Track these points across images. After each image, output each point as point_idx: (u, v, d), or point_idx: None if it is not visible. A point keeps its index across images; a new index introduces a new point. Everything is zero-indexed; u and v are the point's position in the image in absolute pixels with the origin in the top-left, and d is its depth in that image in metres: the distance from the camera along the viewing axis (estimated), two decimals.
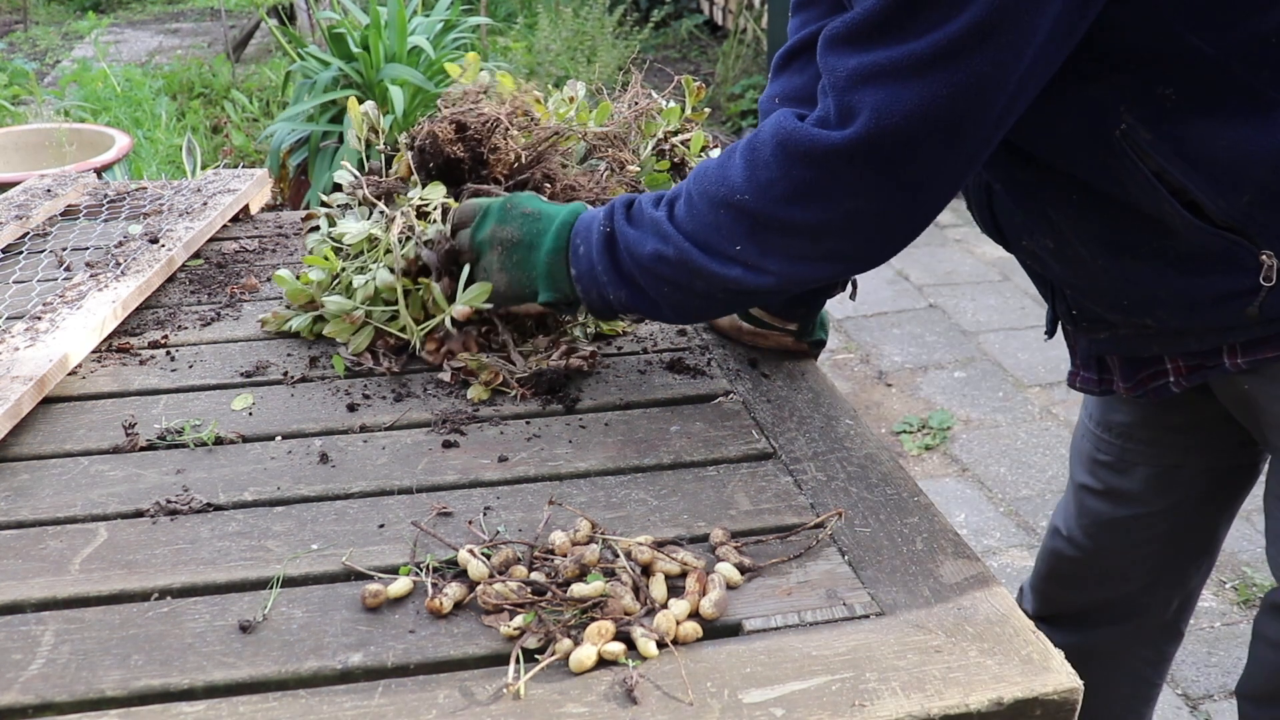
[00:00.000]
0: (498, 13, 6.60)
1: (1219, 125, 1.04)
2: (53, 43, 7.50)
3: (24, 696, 0.83)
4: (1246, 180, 1.05)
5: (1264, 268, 1.08)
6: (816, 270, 1.11)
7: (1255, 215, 1.06)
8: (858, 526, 1.03)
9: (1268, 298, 1.10)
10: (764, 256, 1.08)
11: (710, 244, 1.10)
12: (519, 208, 1.25)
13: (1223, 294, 1.11)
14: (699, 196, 1.11)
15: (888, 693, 0.82)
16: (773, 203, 1.05)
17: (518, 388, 1.27)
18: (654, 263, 1.14)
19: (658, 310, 1.19)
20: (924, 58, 0.94)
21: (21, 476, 1.13)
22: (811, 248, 1.08)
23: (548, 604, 0.90)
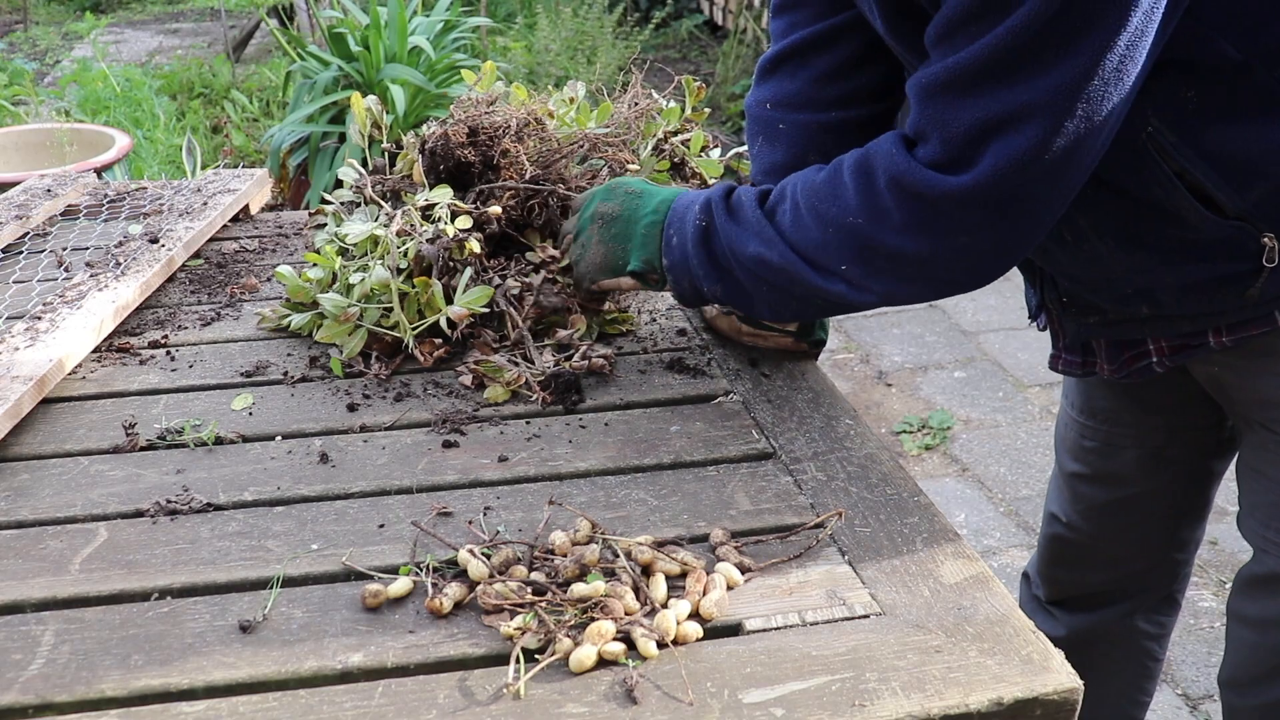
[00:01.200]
0: (498, 13, 6.60)
1: (1236, 125, 1.07)
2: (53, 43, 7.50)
3: (24, 696, 0.83)
4: (1260, 176, 1.08)
5: (1266, 250, 1.12)
6: (918, 293, 1.13)
7: (1263, 205, 1.10)
8: (858, 526, 1.03)
9: (1268, 279, 1.14)
10: (869, 277, 1.11)
11: (816, 259, 1.12)
12: (624, 187, 1.30)
13: (1225, 277, 1.15)
14: (808, 211, 1.13)
15: (888, 693, 0.82)
16: (886, 231, 1.07)
17: (538, 390, 1.27)
18: (755, 264, 1.16)
19: (752, 305, 1.22)
20: (1038, 106, 0.95)
21: (21, 476, 1.13)
22: (917, 273, 1.10)
23: (548, 604, 0.90)
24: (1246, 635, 1.34)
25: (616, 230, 1.28)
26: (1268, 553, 1.29)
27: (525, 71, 5.27)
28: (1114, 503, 1.52)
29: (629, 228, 1.27)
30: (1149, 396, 1.43)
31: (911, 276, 1.10)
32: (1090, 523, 1.56)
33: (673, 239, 1.22)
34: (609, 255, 1.29)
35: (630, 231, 1.27)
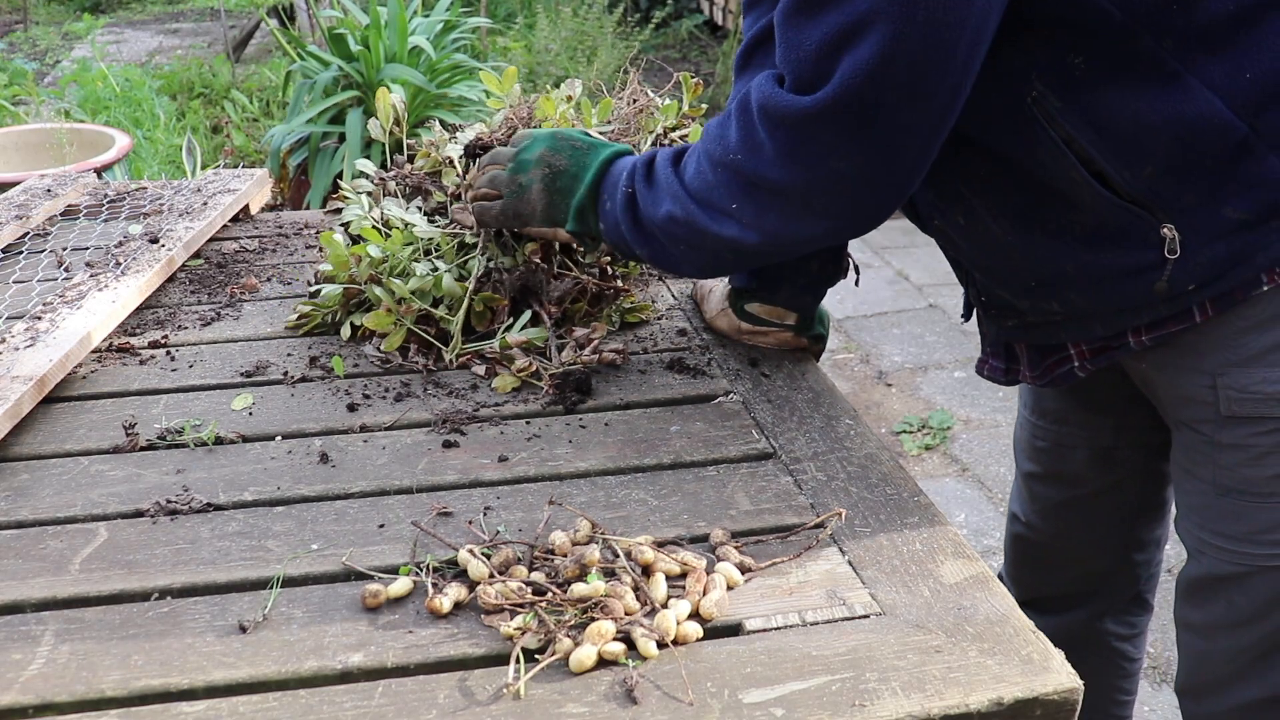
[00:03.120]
0: (497, 13, 6.60)
1: (1124, 95, 1.06)
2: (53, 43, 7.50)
3: (24, 696, 0.83)
4: (1149, 151, 1.07)
5: (1166, 241, 1.11)
6: (809, 229, 1.13)
7: (1157, 187, 1.09)
8: (858, 526, 1.03)
9: (1173, 271, 1.12)
10: (759, 216, 1.11)
11: (711, 202, 1.14)
12: (572, 137, 1.31)
13: (1128, 269, 1.14)
14: (704, 156, 1.15)
15: (888, 693, 0.82)
16: (763, 164, 1.08)
17: (548, 381, 1.28)
18: (667, 223, 1.18)
19: (678, 267, 1.24)
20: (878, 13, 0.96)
21: (21, 476, 1.13)
22: (802, 208, 1.10)
23: (548, 604, 0.90)
24: (1195, 642, 1.32)
25: (563, 185, 1.28)
26: (1204, 554, 1.27)
27: (525, 71, 5.27)
28: (1068, 502, 1.52)
29: (574, 184, 1.28)
30: (1095, 397, 1.43)
31: (795, 212, 1.10)
32: (1048, 522, 1.56)
33: (606, 204, 1.25)
34: (551, 207, 1.29)
35: (574, 188, 1.28)
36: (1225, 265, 1.12)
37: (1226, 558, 1.26)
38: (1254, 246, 1.11)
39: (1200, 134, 1.07)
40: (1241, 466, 1.24)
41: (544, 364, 1.31)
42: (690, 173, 1.17)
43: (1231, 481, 1.25)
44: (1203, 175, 1.09)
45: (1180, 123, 1.06)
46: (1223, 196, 1.10)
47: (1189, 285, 1.14)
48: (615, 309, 1.45)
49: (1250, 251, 1.11)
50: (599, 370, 1.31)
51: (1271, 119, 1.07)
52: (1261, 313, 1.15)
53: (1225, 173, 1.08)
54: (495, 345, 1.34)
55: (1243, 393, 1.19)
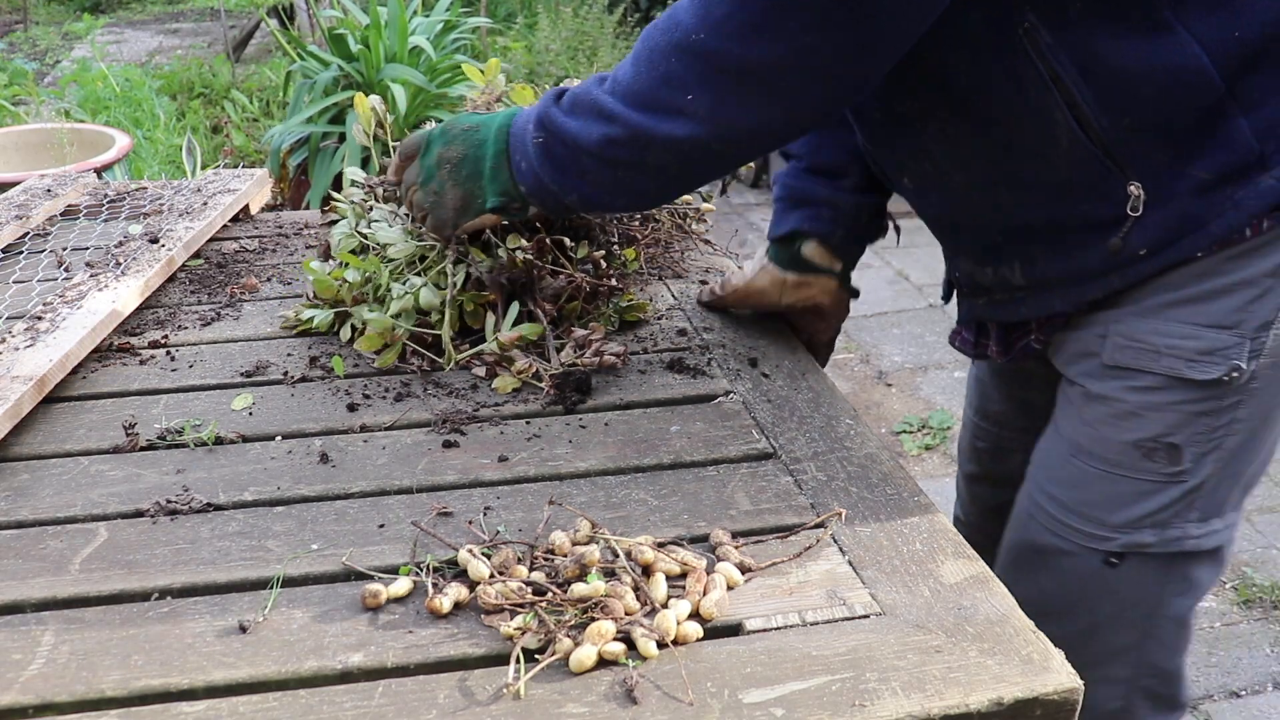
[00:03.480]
0: (498, 13, 6.60)
1: (1115, 39, 1.05)
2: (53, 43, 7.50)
3: (24, 696, 0.83)
4: (1131, 99, 1.07)
5: (1131, 198, 1.11)
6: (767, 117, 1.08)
7: (1131, 141, 1.09)
8: (858, 526, 1.03)
9: (1132, 229, 1.13)
10: (716, 104, 1.06)
11: (659, 100, 1.08)
12: (458, 125, 1.27)
13: (1090, 222, 1.15)
14: (647, 53, 1.09)
15: (888, 693, 0.82)
16: (728, 38, 1.03)
17: (548, 381, 1.28)
18: (603, 147, 1.13)
19: (612, 200, 1.21)
20: None
21: (21, 476, 1.13)
22: (764, 91, 1.05)
23: (548, 604, 0.90)
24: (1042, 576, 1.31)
25: (467, 171, 1.25)
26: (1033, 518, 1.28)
27: (525, 72, 5.27)
28: (1005, 504, 1.50)
29: (477, 165, 1.24)
30: (1037, 404, 1.42)
31: (756, 97, 1.06)
32: (986, 522, 1.57)
33: (520, 164, 1.20)
34: (465, 197, 1.26)
35: (479, 169, 1.24)
36: (1176, 232, 1.13)
37: (1053, 527, 1.26)
38: (1209, 213, 1.12)
39: (1183, 88, 1.06)
40: (1103, 424, 1.25)
41: (543, 365, 1.31)
42: (628, 76, 1.11)
43: (1087, 441, 1.26)
44: (1176, 132, 1.09)
45: (1166, 73, 1.06)
46: (1190, 156, 1.10)
47: (1140, 249, 1.14)
48: (613, 308, 1.45)
49: (1205, 219, 1.12)
50: (598, 370, 1.32)
51: (1249, 82, 1.07)
52: (1178, 276, 1.16)
53: (1197, 131, 1.09)
54: (492, 346, 1.34)
55: (1130, 340, 1.20)
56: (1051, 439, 1.31)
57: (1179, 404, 1.20)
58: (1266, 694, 2.30)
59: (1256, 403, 1.21)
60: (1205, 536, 1.26)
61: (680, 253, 1.67)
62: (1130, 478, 1.24)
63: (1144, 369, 1.20)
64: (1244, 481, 1.28)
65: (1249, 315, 1.16)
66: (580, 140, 1.14)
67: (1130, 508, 1.23)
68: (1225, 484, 1.26)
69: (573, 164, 1.17)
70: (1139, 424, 1.22)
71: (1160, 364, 1.19)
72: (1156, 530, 1.24)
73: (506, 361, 1.32)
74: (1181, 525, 1.25)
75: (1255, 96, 1.07)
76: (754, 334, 1.44)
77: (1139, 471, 1.24)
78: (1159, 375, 1.19)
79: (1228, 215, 1.11)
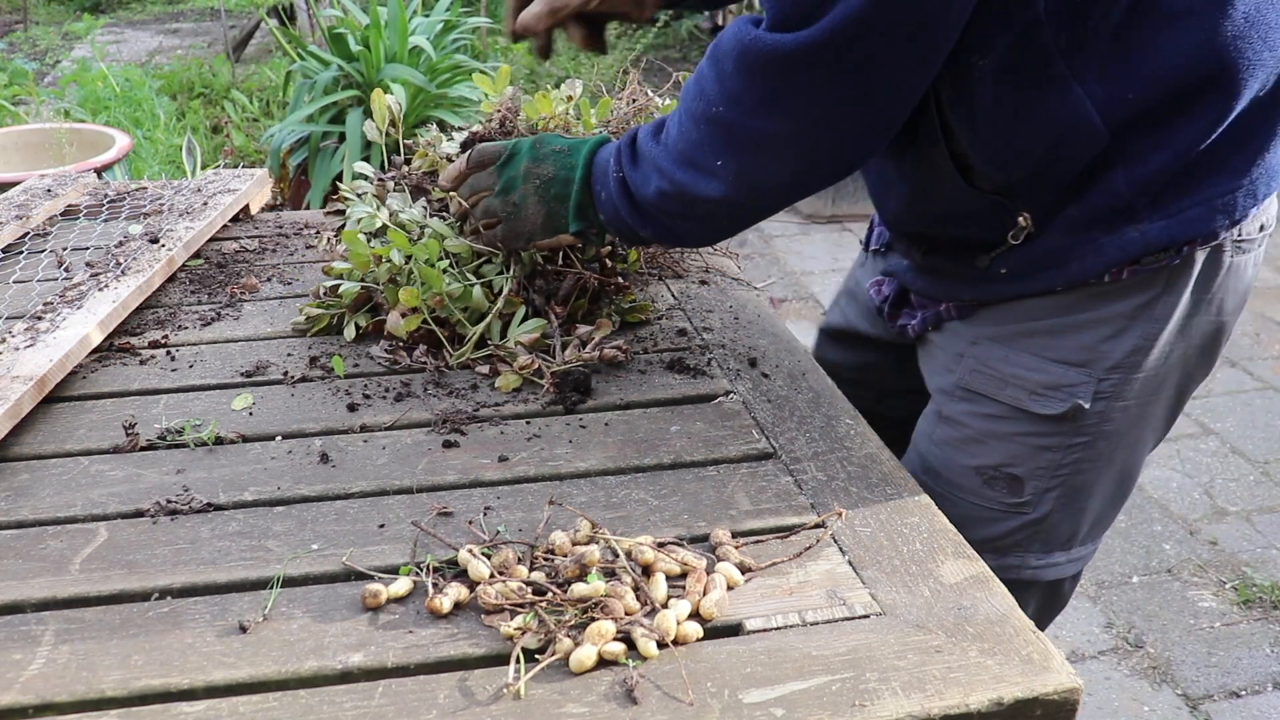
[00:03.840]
0: (498, 13, 6.60)
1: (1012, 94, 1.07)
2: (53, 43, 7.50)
3: (24, 696, 0.83)
4: (1022, 152, 1.10)
5: (1017, 228, 1.16)
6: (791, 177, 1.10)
7: (1025, 184, 1.13)
8: (858, 526, 1.03)
9: (1004, 252, 1.19)
10: (741, 169, 1.09)
11: (696, 162, 1.11)
12: (549, 145, 1.29)
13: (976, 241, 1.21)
14: (685, 115, 1.12)
15: (888, 693, 0.82)
16: (744, 113, 1.05)
17: (549, 379, 1.28)
18: (659, 199, 1.17)
19: (681, 239, 1.24)
20: None
21: (21, 476, 1.13)
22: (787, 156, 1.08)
23: (548, 604, 0.90)
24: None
25: (556, 191, 1.26)
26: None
27: (526, 73, 5.27)
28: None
29: (566, 189, 1.26)
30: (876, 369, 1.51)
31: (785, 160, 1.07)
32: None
33: (601, 194, 1.23)
34: (551, 216, 1.28)
35: (568, 192, 1.26)
36: (1039, 264, 1.17)
37: None
38: (1072, 252, 1.14)
39: (1072, 141, 1.08)
40: (949, 445, 1.29)
41: (546, 362, 1.31)
42: (673, 136, 1.14)
43: (935, 461, 1.31)
44: (1062, 174, 1.11)
45: (1057, 126, 1.08)
46: (1069, 197, 1.13)
47: (1002, 269, 1.20)
48: (615, 308, 1.45)
49: (1067, 257, 1.15)
50: (599, 370, 1.31)
51: (1132, 137, 1.08)
52: (1035, 306, 1.20)
53: (1078, 176, 1.11)
54: (508, 343, 1.33)
55: (982, 365, 1.25)
56: (909, 457, 1.36)
57: (1021, 435, 1.23)
58: (1266, 694, 2.30)
59: (1107, 444, 1.23)
60: (1044, 569, 1.30)
61: (680, 253, 1.67)
62: (971, 502, 1.28)
63: (990, 396, 1.24)
64: (1092, 518, 1.30)
65: (1099, 355, 1.18)
66: (640, 190, 1.19)
67: (970, 530, 1.22)
68: (1070, 519, 1.28)
69: (641, 205, 1.20)
70: (982, 450, 1.25)
71: (1005, 393, 1.23)
72: (995, 556, 1.26)
73: (510, 358, 1.32)
74: (1021, 555, 1.29)
75: (1135, 152, 1.08)
76: (754, 334, 1.44)
77: (980, 498, 1.28)
78: (1003, 404, 1.23)
79: (1089, 258, 1.14)
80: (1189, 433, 3.29)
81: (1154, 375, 1.20)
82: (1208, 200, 1.10)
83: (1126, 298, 1.15)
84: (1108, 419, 1.21)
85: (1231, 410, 3.41)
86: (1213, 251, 1.14)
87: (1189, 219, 1.10)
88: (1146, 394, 1.21)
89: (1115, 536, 2.82)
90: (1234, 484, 3.04)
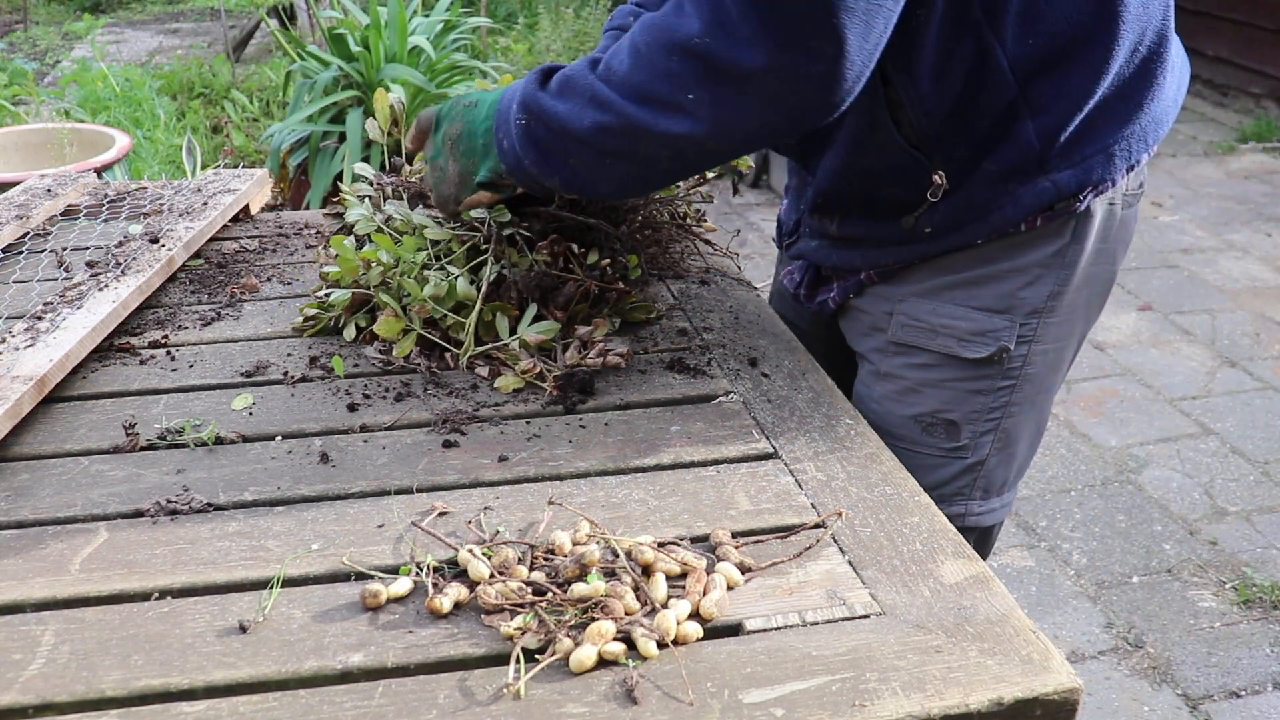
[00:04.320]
0: (498, 13, 6.60)
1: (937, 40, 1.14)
2: (53, 43, 7.50)
3: (24, 696, 0.83)
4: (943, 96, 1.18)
5: (933, 186, 1.23)
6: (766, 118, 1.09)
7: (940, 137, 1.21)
8: (858, 526, 1.03)
9: (926, 211, 1.26)
10: (716, 105, 1.07)
11: (658, 96, 1.08)
12: (461, 101, 1.29)
13: (895, 202, 1.28)
14: (649, 46, 1.09)
15: (888, 693, 0.82)
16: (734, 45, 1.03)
17: (552, 382, 1.27)
18: (594, 134, 1.13)
19: (596, 186, 1.21)
20: None
21: (21, 476, 1.13)
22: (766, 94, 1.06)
23: (548, 604, 0.90)
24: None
25: (464, 147, 1.27)
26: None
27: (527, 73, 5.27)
28: None
29: (472, 141, 1.26)
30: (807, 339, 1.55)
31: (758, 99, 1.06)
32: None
33: (503, 142, 1.21)
34: (462, 173, 1.28)
35: (474, 145, 1.25)
36: (961, 219, 1.26)
37: None
38: (991, 205, 1.24)
39: (985, 88, 1.18)
40: (888, 399, 1.38)
41: (548, 365, 1.30)
42: (627, 67, 1.11)
43: (875, 417, 1.38)
44: (975, 129, 1.21)
45: (973, 74, 1.16)
46: (984, 152, 1.22)
47: (927, 229, 1.28)
48: (613, 309, 1.44)
49: (987, 210, 1.24)
50: (600, 370, 1.31)
51: (1037, 87, 1.18)
52: (957, 260, 1.30)
53: (991, 130, 1.20)
54: (513, 344, 1.33)
55: (912, 319, 1.34)
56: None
57: (954, 381, 1.33)
58: (1266, 694, 2.31)
59: (1030, 388, 1.35)
60: (985, 514, 1.41)
61: (680, 253, 1.67)
62: (914, 450, 1.37)
63: (922, 346, 1.33)
64: (1019, 463, 1.42)
65: (1018, 301, 1.29)
66: (569, 125, 1.14)
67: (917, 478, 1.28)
68: (1003, 464, 1.39)
69: (557, 147, 1.17)
70: (918, 399, 1.35)
71: (936, 342, 1.32)
72: (943, 504, 1.33)
73: (511, 360, 1.32)
74: (965, 502, 1.40)
75: (1041, 102, 1.19)
76: (754, 334, 1.44)
77: (921, 445, 1.37)
78: (935, 353, 1.33)
79: (1006, 209, 1.24)
80: (1189, 433, 3.29)
81: (1066, 320, 1.32)
82: (1106, 148, 1.22)
83: (1040, 247, 1.27)
84: (1030, 362, 1.32)
85: (1231, 410, 3.41)
86: (1108, 206, 1.28)
87: (1092, 165, 1.22)
88: (1061, 337, 1.34)
89: (1115, 536, 2.82)
90: (1234, 484, 3.04)
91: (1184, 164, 5.68)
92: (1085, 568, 2.71)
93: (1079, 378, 3.61)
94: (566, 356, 1.32)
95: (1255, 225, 4.89)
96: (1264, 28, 6.37)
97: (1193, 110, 6.58)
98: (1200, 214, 5.01)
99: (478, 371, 1.32)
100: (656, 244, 1.62)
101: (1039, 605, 2.58)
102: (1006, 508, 1.44)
